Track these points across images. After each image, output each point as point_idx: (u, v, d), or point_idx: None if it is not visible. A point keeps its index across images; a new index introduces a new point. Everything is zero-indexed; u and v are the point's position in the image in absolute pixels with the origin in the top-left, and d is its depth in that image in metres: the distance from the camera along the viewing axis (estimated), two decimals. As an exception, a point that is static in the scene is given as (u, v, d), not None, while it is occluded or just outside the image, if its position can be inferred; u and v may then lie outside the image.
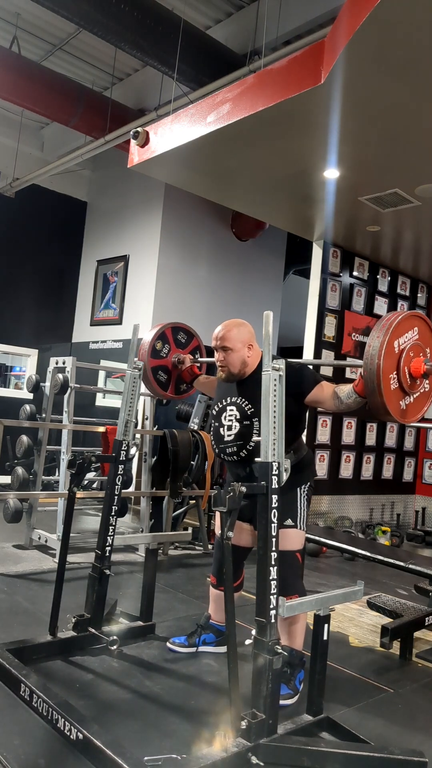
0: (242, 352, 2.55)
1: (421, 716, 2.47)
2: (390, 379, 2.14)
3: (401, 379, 2.17)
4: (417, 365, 2.20)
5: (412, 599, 3.73)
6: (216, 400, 2.73)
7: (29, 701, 2.13)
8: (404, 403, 2.23)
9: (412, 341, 2.20)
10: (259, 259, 8.31)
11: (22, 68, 5.73)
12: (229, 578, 1.94)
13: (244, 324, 2.62)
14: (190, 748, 1.97)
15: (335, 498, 5.88)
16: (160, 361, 3.16)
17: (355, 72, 3.03)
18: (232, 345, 2.55)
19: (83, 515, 5.74)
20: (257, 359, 2.59)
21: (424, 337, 2.26)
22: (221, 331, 2.58)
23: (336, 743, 2.08)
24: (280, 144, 3.91)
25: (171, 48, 5.05)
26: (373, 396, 2.13)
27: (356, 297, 6.05)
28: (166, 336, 3.20)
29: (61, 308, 8.53)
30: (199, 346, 3.38)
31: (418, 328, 2.24)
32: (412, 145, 3.71)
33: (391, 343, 2.12)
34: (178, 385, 3.27)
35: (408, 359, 2.18)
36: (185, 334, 3.32)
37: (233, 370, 2.57)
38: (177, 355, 3.21)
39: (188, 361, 3.19)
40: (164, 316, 7.21)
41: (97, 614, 2.74)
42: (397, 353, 2.16)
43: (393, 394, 2.16)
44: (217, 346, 2.58)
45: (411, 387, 2.22)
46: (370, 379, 2.11)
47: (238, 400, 2.60)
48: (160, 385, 3.19)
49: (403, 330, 2.17)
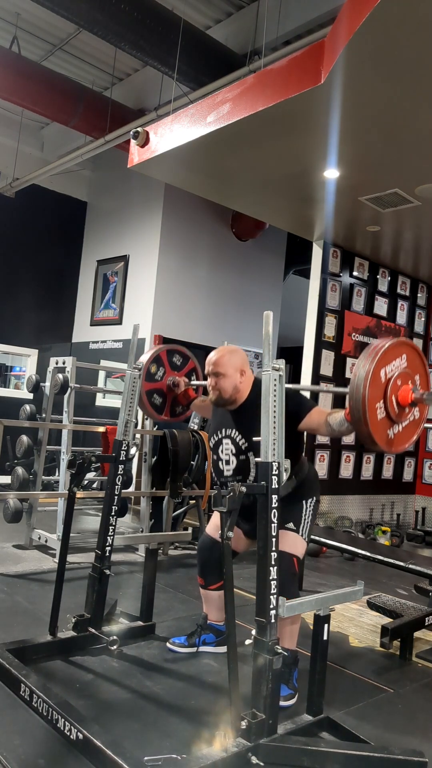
0: (234, 377, 2.57)
1: (421, 716, 2.47)
2: (376, 408, 2.07)
3: (388, 408, 2.10)
4: (404, 394, 2.12)
5: (412, 599, 3.73)
6: (212, 431, 2.75)
7: (29, 701, 2.13)
8: (392, 432, 2.16)
9: (400, 369, 2.13)
10: (259, 259, 8.31)
11: (22, 68, 5.72)
12: (229, 578, 1.94)
13: (237, 350, 2.65)
14: (190, 748, 1.97)
15: (335, 498, 5.88)
16: (154, 385, 3.15)
17: (355, 72, 3.03)
18: (224, 370, 2.57)
19: (83, 515, 5.74)
20: (249, 385, 2.61)
21: (412, 365, 2.19)
22: (214, 356, 2.61)
23: (336, 743, 2.08)
24: (280, 144, 3.91)
25: (171, 48, 5.05)
26: (359, 425, 2.07)
27: (356, 297, 6.05)
28: (161, 359, 3.19)
29: (61, 308, 8.53)
30: (195, 368, 3.36)
31: (407, 355, 2.16)
32: (412, 145, 3.71)
33: (377, 371, 2.05)
34: (174, 408, 3.26)
35: (395, 388, 2.11)
36: (180, 357, 3.30)
37: (224, 395, 2.59)
38: (172, 378, 3.20)
39: (183, 384, 3.19)
40: (164, 315, 7.23)
41: (97, 614, 2.74)
42: (384, 382, 2.09)
43: (380, 424, 2.10)
44: (210, 371, 2.60)
45: (399, 416, 2.14)
46: (356, 408, 2.05)
47: (232, 433, 2.61)
48: (156, 408, 3.18)
49: (390, 358, 2.10)
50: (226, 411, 2.67)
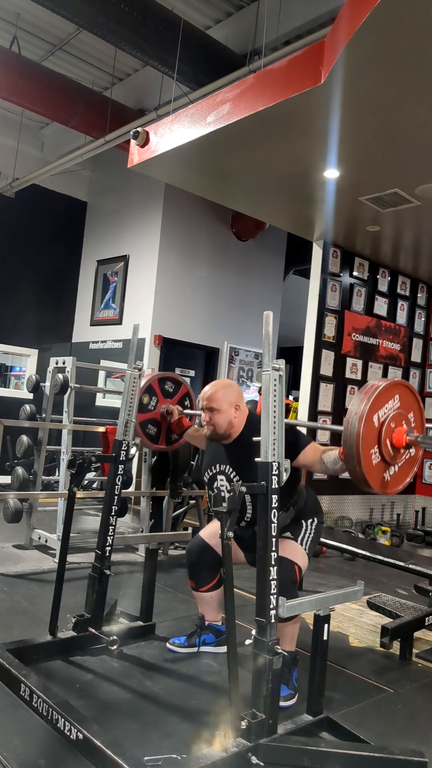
0: (229, 412, 2.56)
1: (421, 716, 2.47)
2: (371, 454, 2.05)
3: (383, 453, 2.08)
4: (399, 436, 2.10)
5: (412, 599, 3.73)
6: (205, 465, 2.74)
7: (29, 701, 2.13)
8: (388, 474, 2.14)
9: (393, 411, 2.11)
10: (259, 259, 8.31)
11: (22, 68, 5.72)
12: (229, 578, 1.94)
13: (231, 385, 2.65)
14: (190, 748, 1.97)
15: (335, 498, 5.88)
16: (148, 415, 3.14)
17: (355, 72, 3.03)
18: (218, 406, 2.56)
19: (83, 515, 5.74)
20: (243, 420, 2.61)
21: (405, 403, 2.16)
22: (208, 391, 2.60)
23: (336, 743, 2.08)
24: (280, 144, 3.91)
25: (171, 48, 5.05)
26: (354, 471, 2.05)
27: (356, 297, 6.05)
28: (153, 388, 3.18)
29: (61, 308, 8.53)
30: (188, 393, 3.35)
31: (399, 395, 2.14)
32: (412, 145, 3.71)
33: (370, 417, 2.02)
34: (169, 435, 3.26)
35: (389, 431, 2.08)
36: (172, 383, 3.29)
37: (219, 430, 2.58)
38: (166, 405, 3.20)
39: (177, 413, 3.18)
40: (164, 316, 7.22)
41: (97, 614, 2.74)
42: (378, 426, 2.06)
43: (375, 469, 2.07)
44: (204, 406, 2.59)
45: (394, 458, 2.12)
46: (350, 455, 2.03)
47: (226, 469, 2.61)
48: (150, 438, 3.18)
49: (382, 402, 2.08)
50: (219, 445, 2.65)
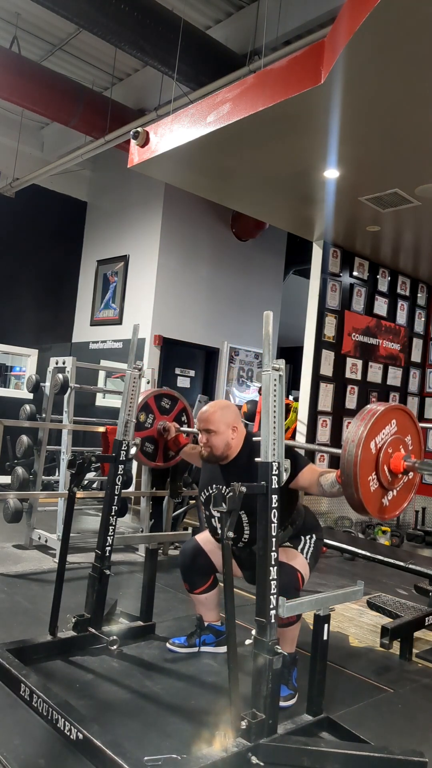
0: (226, 434, 2.55)
1: (421, 716, 2.47)
2: (369, 481, 2.05)
3: (381, 479, 2.07)
4: (396, 462, 2.09)
5: (412, 599, 3.73)
6: (201, 485, 2.73)
7: (29, 701, 2.13)
8: (386, 500, 2.13)
9: (390, 436, 2.10)
10: (259, 259, 8.31)
11: (22, 68, 5.72)
12: (229, 578, 1.94)
13: (229, 406, 2.63)
14: (190, 748, 1.97)
15: (335, 498, 5.87)
16: (144, 433, 3.13)
17: (355, 72, 3.03)
18: (215, 427, 2.54)
19: (83, 515, 5.74)
20: (241, 441, 2.60)
21: (402, 428, 2.15)
22: (206, 413, 2.58)
23: (336, 743, 2.08)
24: (280, 144, 3.91)
25: (171, 48, 5.05)
26: (352, 498, 2.04)
27: (356, 297, 6.05)
28: (149, 406, 3.17)
29: (61, 308, 8.53)
30: (185, 409, 3.34)
31: (396, 420, 2.14)
32: (412, 145, 3.71)
33: (367, 444, 2.01)
34: (167, 452, 3.25)
35: (387, 457, 2.07)
36: (169, 400, 3.28)
37: (216, 452, 2.57)
38: (162, 422, 3.19)
39: (173, 430, 3.16)
40: (164, 316, 7.22)
41: (97, 614, 2.74)
42: (375, 453, 2.05)
43: (373, 495, 2.07)
44: (201, 428, 2.58)
45: (392, 483, 2.11)
46: (347, 482, 2.02)
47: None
48: (148, 456, 3.17)
49: (379, 428, 2.07)
50: (216, 465, 2.64)
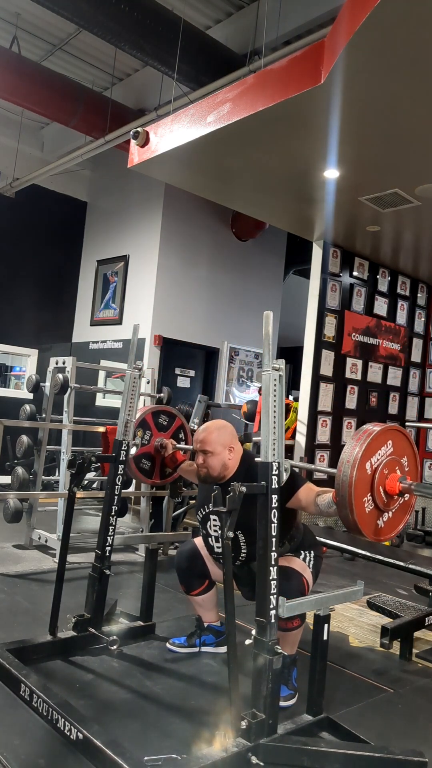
0: (223, 455, 2.54)
1: (421, 716, 2.47)
2: (364, 502, 2.04)
3: (376, 500, 2.07)
4: (392, 483, 2.08)
5: (412, 599, 3.73)
6: (198, 504, 2.73)
7: (29, 701, 2.13)
8: (382, 521, 2.13)
9: (386, 457, 2.09)
10: (259, 259, 8.31)
11: (22, 68, 5.72)
12: (229, 578, 1.94)
13: (225, 426, 2.62)
14: (190, 748, 1.97)
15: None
16: (142, 449, 3.12)
17: (355, 72, 3.02)
18: (212, 448, 2.53)
19: (83, 515, 5.74)
20: (238, 460, 2.59)
21: (398, 449, 2.15)
22: (202, 434, 2.58)
23: (336, 743, 2.08)
24: (280, 144, 3.91)
25: (171, 48, 5.05)
26: (347, 519, 2.03)
27: (356, 297, 6.04)
28: (147, 422, 3.16)
29: (61, 308, 8.53)
30: (182, 426, 3.34)
31: (392, 441, 2.12)
32: (412, 145, 3.71)
33: (363, 465, 2.01)
34: (163, 469, 3.24)
35: (382, 477, 2.07)
36: (167, 417, 3.26)
37: (213, 473, 2.56)
38: (160, 439, 3.18)
39: (170, 447, 3.16)
40: (164, 316, 7.22)
41: (97, 614, 2.75)
42: (371, 474, 2.05)
43: (368, 517, 2.06)
44: (198, 449, 2.57)
45: (387, 504, 2.11)
46: (343, 504, 2.02)
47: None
48: (144, 473, 3.15)
49: (375, 448, 2.07)
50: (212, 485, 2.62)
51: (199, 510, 2.71)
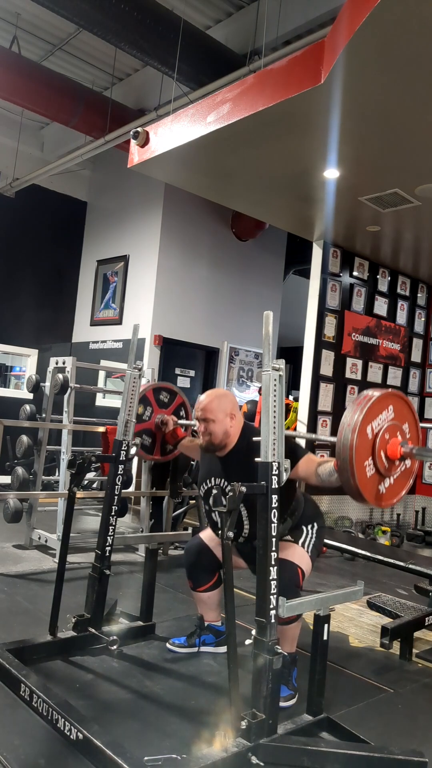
0: (224, 422, 2.55)
1: (421, 716, 2.47)
2: (365, 466, 2.04)
3: (378, 465, 2.06)
4: (393, 448, 2.07)
5: (412, 599, 3.73)
6: (201, 478, 2.73)
7: (29, 701, 2.13)
8: (383, 487, 2.12)
9: (387, 422, 2.09)
10: (259, 259, 8.31)
11: (22, 68, 5.73)
12: (229, 578, 1.94)
13: (227, 395, 2.63)
14: (190, 748, 1.97)
15: (335, 498, 5.88)
16: (143, 425, 3.13)
17: (355, 72, 3.03)
18: (213, 416, 2.54)
19: (83, 515, 5.74)
20: (239, 429, 2.59)
21: (399, 414, 2.14)
22: (203, 402, 2.58)
23: (336, 743, 2.08)
24: (280, 144, 3.91)
25: (171, 48, 5.05)
26: (348, 484, 2.03)
27: (356, 297, 6.05)
28: (148, 399, 3.16)
29: (61, 308, 8.53)
30: (183, 403, 3.34)
31: (393, 406, 2.12)
32: (412, 145, 3.71)
33: (363, 428, 2.00)
34: (164, 446, 3.25)
35: (383, 442, 2.06)
36: (167, 393, 3.27)
37: (215, 440, 2.56)
38: (160, 416, 3.19)
39: (171, 423, 3.16)
40: (164, 316, 7.22)
41: (97, 614, 2.74)
42: (371, 438, 2.04)
43: (370, 481, 2.06)
44: (199, 417, 2.58)
45: (389, 470, 2.10)
46: (344, 468, 2.01)
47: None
48: (145, 449, 3.16)
49: (376, 412, 2.05)
50: (214, 457, 2.63)
51: (202, 485, 2.69)
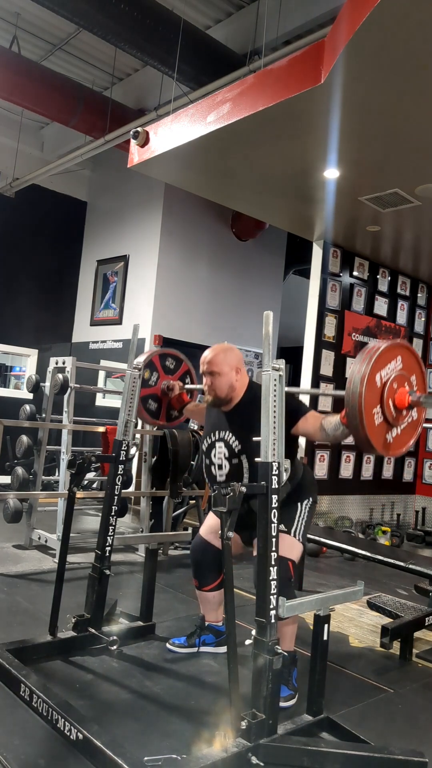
0: (230, 376, 2.56)
1: (421, 716, 2.47)
2: (373, 413, 2.06)
3: (386, 413, 2.09)
4: (401, 397, 2.11)
5: (412, 599, 3.73)
6: (204, 434, 2.73)
7: (29, 701, 2.13)
8: (391, 436, 2.15)
9: (396, 372, 2.12)
10: (259, 259, 8.31)
11: (22, 68, 5.72)
12: (229, 578, 1.94)
13: (231, 349, 2.64)
14: (190, 748, 1.97)
15: (335, 498, 5.88)
16: (148, 390, 3.14)
17: (355, 72, 3.03)
18: (219, 369, 2.55)
19: (83, 515, 5.74)
20: (244, 385, 2.60)
21: (407, 365, 2.17)
22: (209, 355, 2.59)
23: (336, 743, 2.08)
24: (280, 144, 3.91)
25: (171, 48, 5.05)
26: (356, 431, 2.06)
27: (356, 297, 6.05)
28: (154, 364, 3.17)
29: (61, 308, 8.53)
30: (189, 371, 3.35)
31: (401, 357, 2.15)
32: (412, 145, 3.71)
33: (372, 376, 2.03)
34: (169, 412, 3.26)
35: (392, 391, 2.09)
36: (173, 360, 3.28)
37: (220, 394, 2.57)
38: (166, 381, 3.20)
39: (177, 388, 3.17)
40: (164, 316, 7.22)
41: (97, 614, 2.74)
42: (380, 386, 2.07)
43: (377, 429, 2.08)
44: (205, 370, 2.59)
45: (396, 419, 2.13)
46: (352, 414, 2.04)
47: (225, 435, 2.59)
48: (151, 414, 3.17)
49: (385, 361, 2.09)
50: (220, 412, 2.65)
51: (205, 438, 2.69)
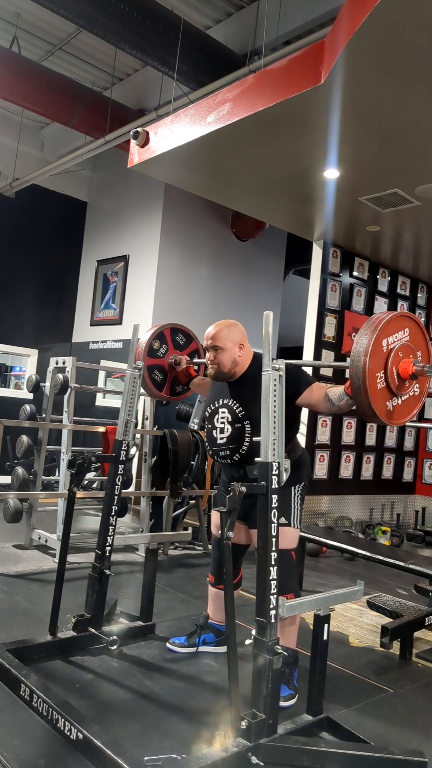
0: (233, 351, 2.57)
1: (421, 716, 2.47)
2: (377, 377, 2.10)
3: (389, 379, 2.12)
4: (405, 366, 2.15)
5: (412, 599, 3.73)
6: (208, 401, 2.73)
7: (29, 701, 2.13)
8: (391, 405, 2.18)
9: (402, 342, 2.16)
10: (259, 259, 8.31)
11: (22, 68, 5.73)
12: (228, 578, 1.94)
13: (235, 324, 2.64)
14: (190, 748, 1.97)
15: (335, 498, 5.88)
16: (156, 361, 3.15)
17: (355, 72, 3.03)
18: (222, 344, 2.56)
19: (83, 515, 5.74)
20: (248, 359, 2.61)
21: (415, 339, 2.21)
22: (212, 330, 2.60)
23: (336, 743, 2.08)
24: (280, 144, 3.91)
25: (171, 48, 5.05)
26: (358, 394, 2.09)
27: (356, 297, 6.04)
28: (165, 336, 3.19)
29: (61, 308, 8.53)
30: (198, 350, 3.36)
31: (409, 330, 2.19)
32: (412, 145, 3.71)
33: (379, 341, 2.07)
34: (174, 387, 3.26)
35: (396, 359, 2.13)
36: (184, 336, 3.30)
37: (223, 369, 2.58)
38: (174, 356, 3.20)
39: (185, 362, 3.19)
40: (164, 316, 7.21)
41: (97, 614, 2.74)
42: (386, 352, 2.11)
43: (379, 394, 2.11)
44: (208, 345, 2.60)
45: (399, 388, 2.16)
46: (356, 375, 2.07)
47: (229, 402, 2.60)
48: (156, 384, 3.17)
49: (392, 330, 2.13)
50: (223, 383, 2.65)
51: (208, 407, 2.69)
